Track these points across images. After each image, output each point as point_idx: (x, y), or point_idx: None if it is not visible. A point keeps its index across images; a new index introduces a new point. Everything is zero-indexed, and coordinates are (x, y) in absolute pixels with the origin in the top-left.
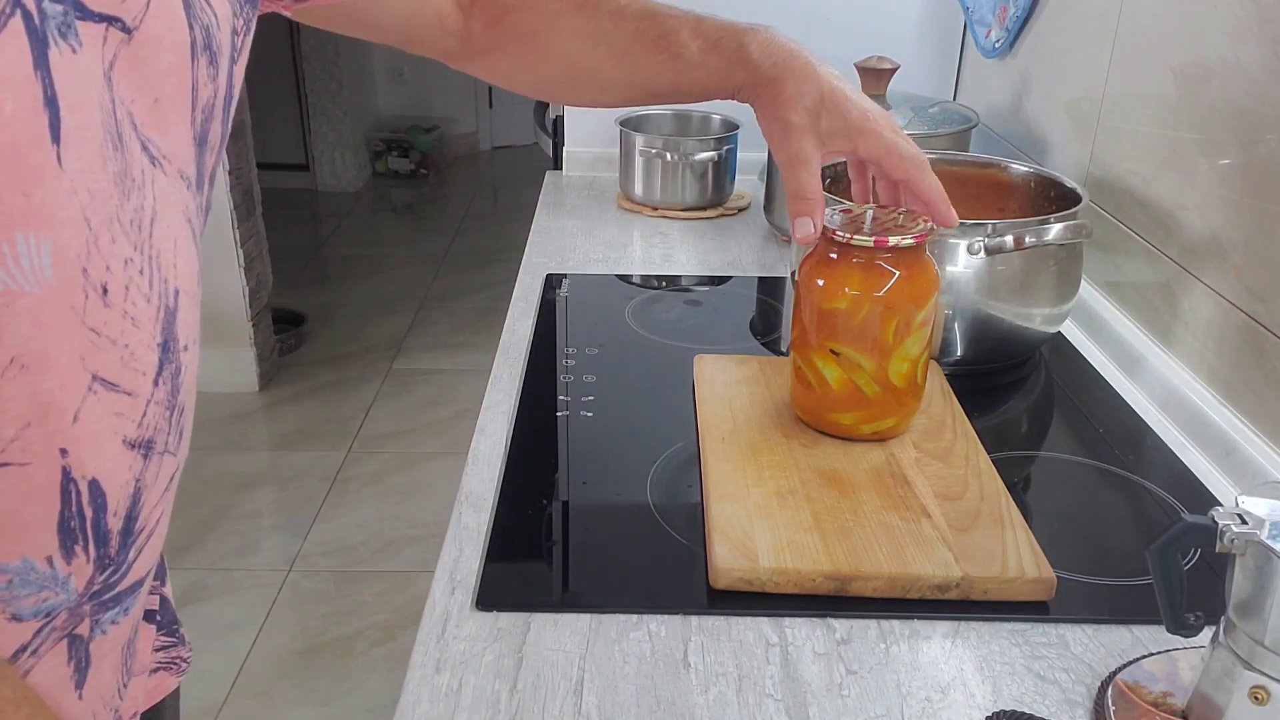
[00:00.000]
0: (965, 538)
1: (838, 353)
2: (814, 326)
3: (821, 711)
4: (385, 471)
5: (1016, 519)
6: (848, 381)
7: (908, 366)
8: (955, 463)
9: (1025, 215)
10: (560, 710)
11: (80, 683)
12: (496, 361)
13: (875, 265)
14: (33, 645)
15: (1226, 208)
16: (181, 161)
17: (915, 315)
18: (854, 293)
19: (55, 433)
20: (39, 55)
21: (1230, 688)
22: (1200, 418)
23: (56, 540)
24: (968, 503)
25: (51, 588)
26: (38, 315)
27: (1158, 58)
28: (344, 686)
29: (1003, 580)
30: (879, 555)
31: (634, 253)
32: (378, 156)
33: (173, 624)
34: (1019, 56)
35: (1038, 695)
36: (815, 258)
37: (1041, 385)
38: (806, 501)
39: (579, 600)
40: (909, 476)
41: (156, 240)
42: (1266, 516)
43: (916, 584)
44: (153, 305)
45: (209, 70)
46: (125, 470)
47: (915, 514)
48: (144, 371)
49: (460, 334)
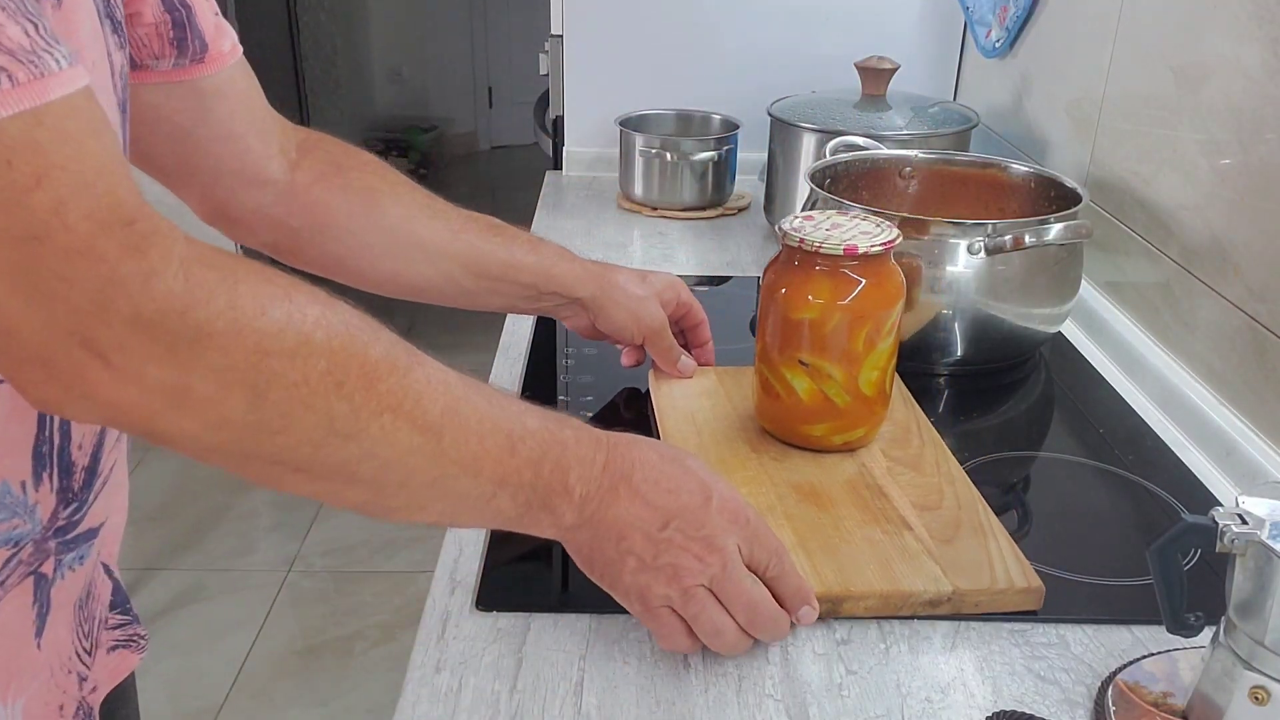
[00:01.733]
0: (950, 549)
1: (806, 363)
2: (782, 337)
3: (821, 712)
4: None
5: (996, 526)
6: (818, 392)
7: (877, 375)
8: (927, 470)
9: (1025, 215)
10: (560, 710)
11: (40, 630)
12: (496, 361)
13: (842, 274)
14: (0, 576)
15: (1227, 208)
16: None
17: (884, 323)
18: (820, 301)
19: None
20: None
21: (1230, 688)
22: (1200, 418)
23: (30, 465)
24: (946, 511)
25: (21, 515)
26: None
27: (1158, 58)
28: (344, 686)
29: (994, 592)
30: (868, 573)
31: (634, 253)
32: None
33: (125, 604)
34: (1019, 56)
35: (1038, 695)
36: (780, 267)
37: (1042, 385)
38: (787, 519)
39: (579, 600)
40: (884, 487)
41: None
42: (1267, 516)
43: (909, 601)
44: None
45: (115, 39)
46: None
47: (897, 526)
48: None
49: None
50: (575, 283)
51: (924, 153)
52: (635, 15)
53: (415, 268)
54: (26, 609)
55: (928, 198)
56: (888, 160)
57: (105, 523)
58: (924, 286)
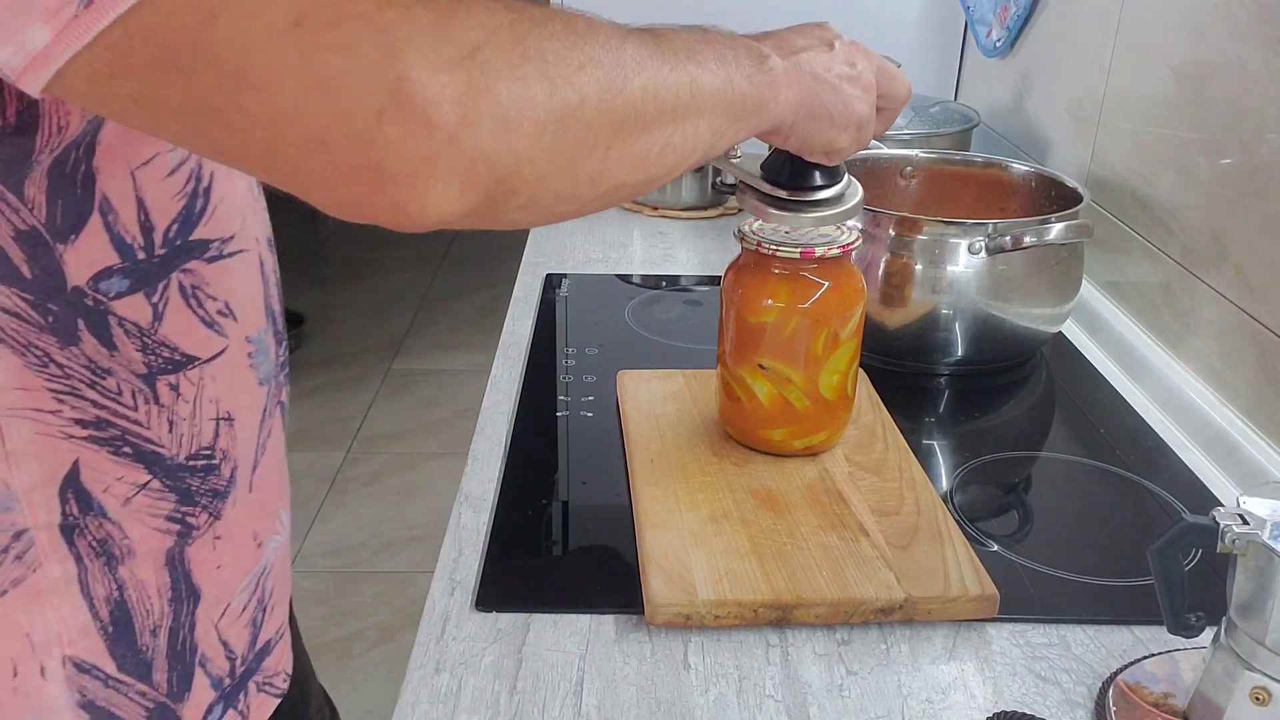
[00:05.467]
0: (905, 555)
1: (766, 367)
2: (741, 340)
3: (822, 712)
4: (384, 472)
5: (954, 532)
6: (778, 396)
7: (838, 379)
8: (889, 475)
9: (1026, 215)
10: (560, 711)
11: (284, 449)
12: (496, 361)
13: (801, 277)
14: (267, 407)
15: (1228, 207)
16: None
17: (844, 327)
18: (780, 305)
19: (253, 228)
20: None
21: (1231, 688)
22: (1202, 418)
23: (264, 319)
24: (905, 517)
25: (267, 357)
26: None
27: (1159, 57)
28: (343, 687)
29: (946, 600)
30: (819, 580)
31: (634, 252)
32: None
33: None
34: (1020, 56)
35: (1039, 696)
36: (740, 269)
37: (1042, 385)
38: (742, 525)
39: (579, 600)
40: (844, 492)
41: None
42: (1268, 517)
43: (860, 609)
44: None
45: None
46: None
47: (853, 532)
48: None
49: (460, 334)
50: None
51: (925, 152)
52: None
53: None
54: (280, 431)
55: (928, 197)
56: (888, 160)
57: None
58: (924, 286)
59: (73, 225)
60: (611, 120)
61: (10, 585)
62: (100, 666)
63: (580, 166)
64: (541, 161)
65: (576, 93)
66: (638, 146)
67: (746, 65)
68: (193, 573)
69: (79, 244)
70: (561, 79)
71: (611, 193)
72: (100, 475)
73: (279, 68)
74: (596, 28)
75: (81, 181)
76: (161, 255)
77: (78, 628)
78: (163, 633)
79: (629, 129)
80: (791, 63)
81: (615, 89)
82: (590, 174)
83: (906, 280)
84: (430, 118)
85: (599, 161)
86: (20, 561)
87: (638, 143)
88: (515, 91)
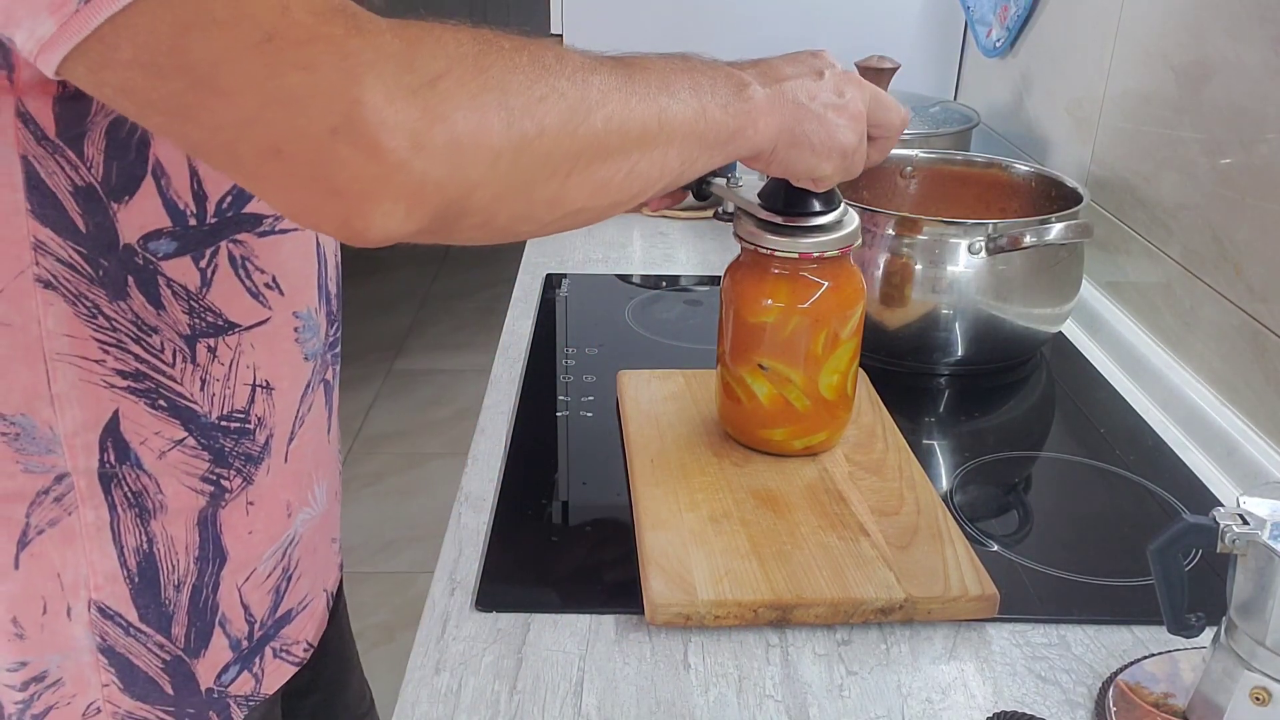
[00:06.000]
0: (905, 555)
1: (766, 367)
2: (741, 340)
3: (822, 712)
4: (385, 472)
5: (954, 532)
6: (778, 396)
7: (838, 379)
8: (889, 475)
9: (1026, 215)
10: (560, 711)
11: (329, 427)
12: (496, 361)
13: (801, 277)
14: (311, 382)
15: (1228, 207)
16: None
17: (844, 326)
18: (779, 305)
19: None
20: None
21: (1231, 688)
22: (1202, 418)
23: (316, 295)
24: (905, 517)
25: (316, 334)
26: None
27: (1159, 57)
28: None
29: (946, 600)
30: (819, 580)
31: (634, 252)
32: None
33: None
34: (1020, 56)
35: (1039, 696)
36: (739, 270)
37: (1042, 385)
38: (742, 525)
39: (579, 600)
40: (844, 492)
41: None
42: (1268, 517)
43: (860, 609)
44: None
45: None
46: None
47: (853, 532)
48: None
49: (460, 334)
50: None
51: (925, 152)
52: (635, 15)
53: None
54: (322, 407)
55: (928, 197)
56: (888, 160)
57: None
58: (924, 286)
59: (126, 186)
60: (571, 149)
61: (47, 525)
62: (123, 614)
63: (537, 191)
64: (496, 186)
65: (535, 123)
66: (600, 174)
67: (723, 94)
68: (223, 535)
69: (132, 204)
70: (520, 109)
71: (573, 215)
72: (138, 427)
73: (244, 78)
74: (566, 59)
75: (136, 146)
76: (213, 224)
77: (105, 573)
78: (186, 589)
79: (590, 158)
80: (775, 90)
81: (577, 120)
82: (548, 198)
83: (906, 280)
84: (380, 142)
85: (557, 187)
86: (59, 504)
87: (599, 171)
88: (472, 120)
